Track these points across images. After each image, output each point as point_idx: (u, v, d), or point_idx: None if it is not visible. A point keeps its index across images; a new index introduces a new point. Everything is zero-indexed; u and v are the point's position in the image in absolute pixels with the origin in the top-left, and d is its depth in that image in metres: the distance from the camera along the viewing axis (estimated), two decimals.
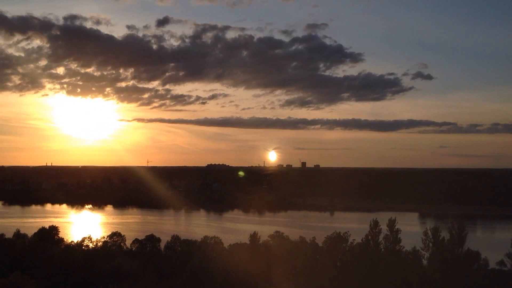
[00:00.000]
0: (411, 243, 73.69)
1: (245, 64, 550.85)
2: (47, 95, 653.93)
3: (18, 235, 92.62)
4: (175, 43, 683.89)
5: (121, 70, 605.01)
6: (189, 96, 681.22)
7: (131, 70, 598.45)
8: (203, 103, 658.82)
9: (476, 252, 68.60)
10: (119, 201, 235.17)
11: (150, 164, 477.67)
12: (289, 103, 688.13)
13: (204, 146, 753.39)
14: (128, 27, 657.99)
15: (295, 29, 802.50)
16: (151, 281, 65.87)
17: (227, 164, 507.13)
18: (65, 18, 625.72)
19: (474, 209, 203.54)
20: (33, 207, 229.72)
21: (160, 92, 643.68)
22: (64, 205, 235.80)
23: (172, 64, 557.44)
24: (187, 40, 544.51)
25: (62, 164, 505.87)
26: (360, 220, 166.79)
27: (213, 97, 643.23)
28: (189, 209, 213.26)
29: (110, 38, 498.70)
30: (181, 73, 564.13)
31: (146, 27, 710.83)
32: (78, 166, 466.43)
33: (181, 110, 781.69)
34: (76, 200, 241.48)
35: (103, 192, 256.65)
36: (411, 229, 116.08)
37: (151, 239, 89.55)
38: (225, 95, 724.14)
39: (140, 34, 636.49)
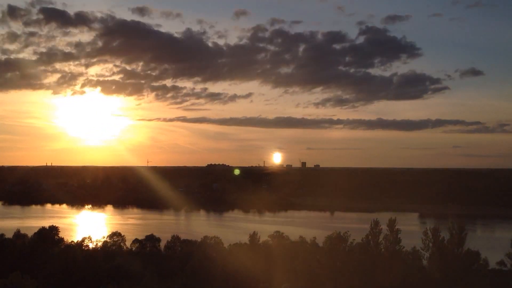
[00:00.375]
0: (411, 243, 73.70)
1: (295, 61, 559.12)
2: (83, 92, 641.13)
3: (18, 235, 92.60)
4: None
5: (163, 67, 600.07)
6: (224, 95, 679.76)
7: (173, 67, 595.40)
8: (231, 101, 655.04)
9: (476, 252, 68.53)
10: (119, 201, 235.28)
11: (150, 164, 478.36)
12: (324, 101, 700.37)
13: (214, 145, 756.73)
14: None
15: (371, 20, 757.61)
16: (151, 281, 65.83)
17: (227, 164, 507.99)
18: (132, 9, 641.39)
19: (474, 209, 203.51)
20: (33, 207, 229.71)
21: (196, 90, 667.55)
22: (64, 205, 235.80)
23: (221, 60, 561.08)
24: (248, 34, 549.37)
25: (62, 164, 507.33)
26: (360, 220, 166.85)
27: (248, 95, 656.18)
28: (189, 209, 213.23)
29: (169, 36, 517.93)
30: (224, 70, 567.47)
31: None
32: (78, 166, 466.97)
33: (206, 109, 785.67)
34: (76, 200, 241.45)
35: (103, 192, 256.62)
36: (411, 229, 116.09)
37: (151, 239, 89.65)
38: (261, 94, 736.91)
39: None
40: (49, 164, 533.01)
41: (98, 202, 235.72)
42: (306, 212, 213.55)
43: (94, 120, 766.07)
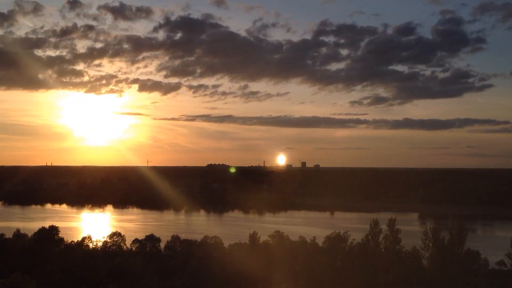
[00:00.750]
0: (411, 243, 73.72)
1: (350, 56, 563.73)
2: (121, 91, 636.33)
3: (18, 235, 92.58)
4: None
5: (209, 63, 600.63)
6: (261, 93, 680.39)
7: (218, 61, 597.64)
8: (268, 99, 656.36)
9: (476, 252, 68.63)
10: (119, 201, 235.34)
11: (150, 164, 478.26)
12: (362, 99, 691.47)
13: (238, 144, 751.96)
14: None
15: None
16: (151, 281, 65.85)
17: (227, 164, 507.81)
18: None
19: (474, 209, 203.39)
20: (33, 207, 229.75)
21: (232, 89, 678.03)
22: (64, 205, 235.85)
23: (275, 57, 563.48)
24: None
25: (63, 164, 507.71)
26: (360, 220, 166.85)
27: (282, 94, 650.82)
28: (189, 209, 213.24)
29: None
30: (272, 67, 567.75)
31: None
32: (78, 166, 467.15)
33: (233, 108, 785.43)
34: (76, 200, 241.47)
35: (103, 192, 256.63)
36: (411, 229, 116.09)
37: (151, 239, 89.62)
38: (301, 92, 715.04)
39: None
40: (49, 164, 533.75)
41: (98, 202, 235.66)
42: (306, 212, 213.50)
43: (105, 120, 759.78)
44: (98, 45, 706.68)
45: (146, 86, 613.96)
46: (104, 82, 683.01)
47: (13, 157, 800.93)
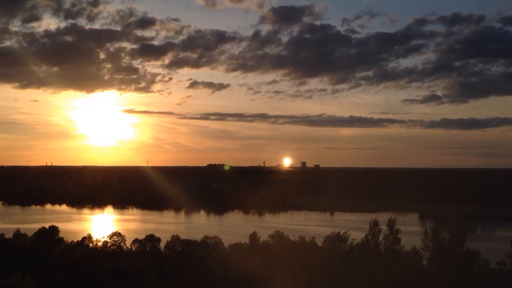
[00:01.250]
0: (411, 243, 73.73)
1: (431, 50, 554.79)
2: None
3: (18, 235, 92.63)
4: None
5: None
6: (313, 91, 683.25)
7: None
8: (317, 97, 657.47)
9: (476, 252, 68.62)
10: (119, 201, 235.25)
11: (150, 164, 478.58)
12: (414, 96, 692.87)
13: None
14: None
15: None
16: (151, 281, 65.89)
17: (226, 164, 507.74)
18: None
19: (474, 209, 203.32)
20: (33, 207, 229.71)
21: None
22: (64, 205, 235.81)
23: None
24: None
25: (62, 164, 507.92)
26: (360, 220, 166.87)
27: (335, 91, 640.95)
28: (189, 209, 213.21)
29: None
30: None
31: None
32: (78, 166, 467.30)
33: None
34: (76, 200, 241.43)
35: (103, 192, 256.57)
36: (411, 229, 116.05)
37: (151, 239, 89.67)
38: (361, 89, 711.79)
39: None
40: (49, 164, 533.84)
41: (98, 202, 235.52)
42: (305, 212, 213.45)
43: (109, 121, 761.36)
44: None
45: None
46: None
47: (13, 157, 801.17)
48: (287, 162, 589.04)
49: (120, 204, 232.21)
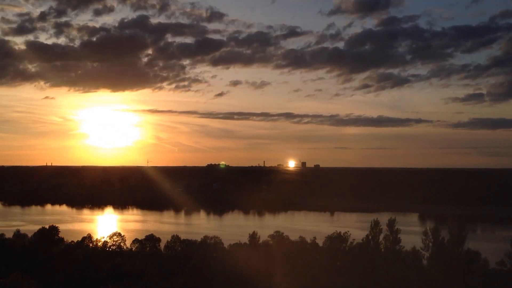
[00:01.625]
0: (411, 243, 73.74)
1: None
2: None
3: (18, 235, 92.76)
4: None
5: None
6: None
7: None
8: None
9: (476, 252, 68.64)
10: (119, 201, 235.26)
11: (150, 164, 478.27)
12: (457, 94, 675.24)
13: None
14: None
15: None
16: (151, 281, 65.90)
17: (227, 164, 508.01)
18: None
19: (474, 209, 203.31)
20: (33, 207, 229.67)
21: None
22: (64, 205, 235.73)
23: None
24: None
25: (62, 164, 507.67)
26: (360, 220, 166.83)
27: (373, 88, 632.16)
28: (189, 209, 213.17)
29: None
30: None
31: None
32: (78, 166, 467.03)
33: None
34: (77, 200, 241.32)
35: (103, 192, 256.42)
36: (411, 229, 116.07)
37: (151, 239, 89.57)
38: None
39: None
40: (49, 164, 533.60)
41: (98, 202, 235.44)
42: (306, 212, 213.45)
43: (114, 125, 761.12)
44: None
45: None
46: None
47: (13, 157, 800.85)
48: (291, 164, 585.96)
49: (120, 204, 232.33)
